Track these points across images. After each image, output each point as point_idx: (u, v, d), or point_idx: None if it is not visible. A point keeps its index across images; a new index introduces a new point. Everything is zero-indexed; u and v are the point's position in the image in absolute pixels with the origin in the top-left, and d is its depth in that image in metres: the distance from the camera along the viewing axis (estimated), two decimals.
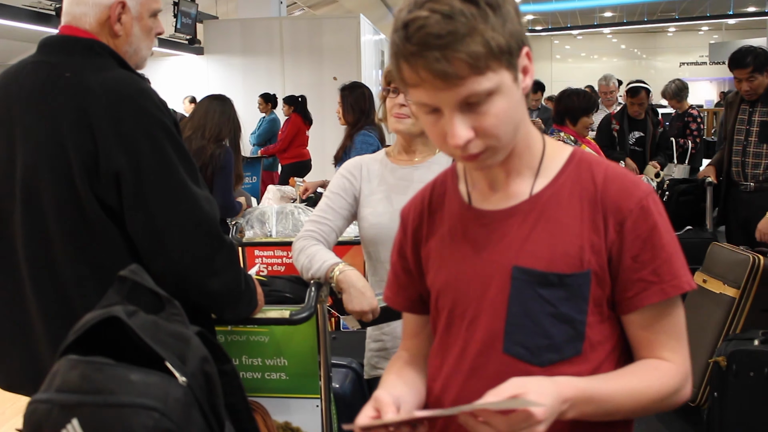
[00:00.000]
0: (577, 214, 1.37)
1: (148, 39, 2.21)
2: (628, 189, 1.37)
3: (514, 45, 1.26)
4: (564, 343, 1.37)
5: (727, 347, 3.63)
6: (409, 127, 2.51)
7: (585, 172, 1.40)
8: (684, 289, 1.36)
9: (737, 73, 5.06)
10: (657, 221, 1.36)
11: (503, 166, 1.41)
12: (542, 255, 1.37)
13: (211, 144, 4.35)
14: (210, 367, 1.49)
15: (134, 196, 1.98)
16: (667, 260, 1.35)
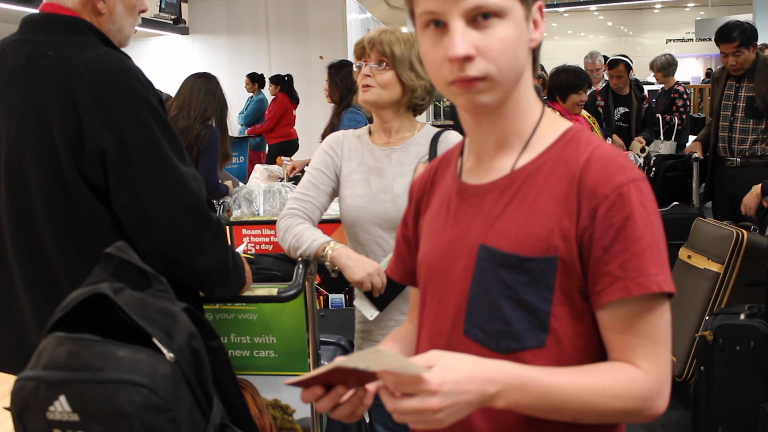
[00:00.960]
0: (554, 196, 1.27)
1: (131, 17, 2.19)
2: (610, 173, 1.25)
3: None
4: (524, 332, 1.28)
5: (714, 322, 3.65)
6: (374, 96, 2.51)
7: (572, 150, 1.30)
8: (651, 290, 1.22)
9: (724, 48, 5.06)
10: (634, 211, 1.22)
11: (492, 132, 1.35)
12: (510, 235, 1.29)
13: (197, 124, 4.33)
14: (197, 342, 1.50)
15: (120, 174, 1.97)
16: (637, 255, 1.22)
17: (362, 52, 2.54)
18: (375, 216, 2.50)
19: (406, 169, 2.52)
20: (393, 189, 2.50)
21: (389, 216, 2.49)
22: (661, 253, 1.23)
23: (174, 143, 2.06)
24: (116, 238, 1.97)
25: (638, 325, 1.24)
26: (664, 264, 1.23)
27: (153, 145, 2.00)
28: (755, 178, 4.66)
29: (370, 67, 2.50)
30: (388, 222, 2.49)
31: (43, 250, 2.04)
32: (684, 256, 4.32)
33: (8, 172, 2.05)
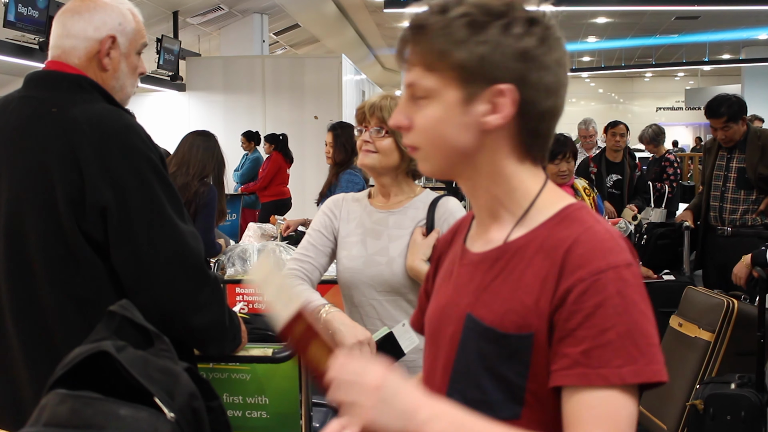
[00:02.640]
0: (538, 273, 1.26)
1: (133, 77, 2.23)
2: (591, 257, 1.22)
3: (477, 70, 1.25)
4: (499, 403, 1.27)
5: (705, 390, 3.66)
6: (374, 161, 2.55)
7: (564, 229, 1.28)
8: (612, 383, 1.17)
9: (713, 122, 5.16)
10: (608, 299, 1.19)
11: (480, 204, 1.37)
12: (493, 308, 1.29)
13: (195, 181, 4.35)
14: (198, 403, 1.50)
15: (120, 231, 1.99)
16: (604, 345, 1.18)
17: (363, 117, 2.58)
18: (370, 278, 2.52)
19: (402, 233, 2.55)
20: (389, 252, 2.53)
21: (384, 278, 2.51)
22: (635, 343, 1.18)
23: (174, 201, 2.08)
24: (114, 293, 1.99)
25: (597, 414, 1.19)
26: (640, 354, 1.18)
27: (153, 202, 2.02)
28: (745, 247, 4.69)
29: (370, 133, 2.55)
30: (383, 285, 2.51)
31: (40, 304, 2.04)
32: (675, 324, 4.33)
33: (8, 225, 2.07)
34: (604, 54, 25.27)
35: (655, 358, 1.20)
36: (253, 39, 13.85)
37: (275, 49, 18.34)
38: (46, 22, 7.43)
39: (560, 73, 1.29)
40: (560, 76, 1.29)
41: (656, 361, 1.20)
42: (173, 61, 11.66)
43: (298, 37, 18.18)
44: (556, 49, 1.29)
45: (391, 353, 2.44)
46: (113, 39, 2.14)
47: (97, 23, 2.13)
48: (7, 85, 9.92)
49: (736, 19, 17.65)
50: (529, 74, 1.26)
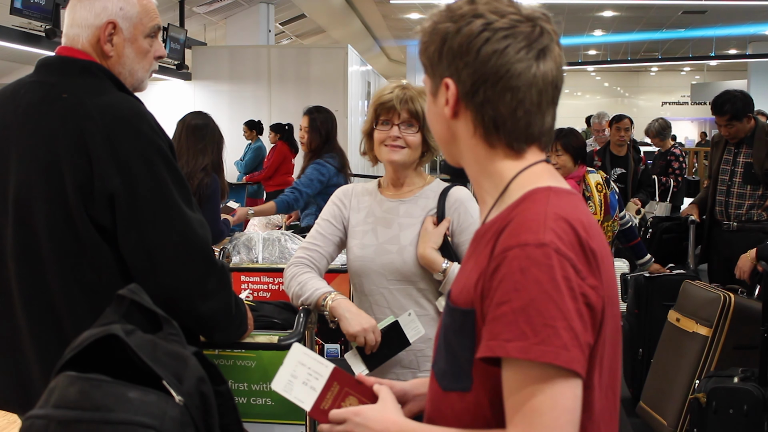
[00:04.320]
0: (486, 252, 1.32)
1: (144, 60, 2.21)
2: (510, 235, 1.27)
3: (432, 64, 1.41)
4: (454, 374, 1.35)
5: (707, 384, 3.67)
6: (404, 157, 2.54)
7: (516, 210, 1.32)
8: (495, 353, 1.22)
9: (717, 119, 5.16)
10: (508, 275, 1.23)
11: (477, 191, 1.46)
12: (458, 285, 1.38)
13: (198, 172, 4.34)
14: (206, 387, 1.51)
15: (128, 218, 2.00)
16: (497, 318, 1.22)
17: (391, 110, 2.53)
18: (381, 266, 2.53)
19: (413, 221, 2.55)
20: (400, 240, 2.54)
21: (395, 267, 2.52)
22: (529, 321, 1.19)
23: (182, 188, 2.09)
24: (121, 279, 2.00)
25: (521, 393, 1.21)
26: (532, 332, 1.19)
27: (161, 190, 2.03)
28: (751, 242, 4.70)
29: (400, 128, 2.52)
30: (394, 273, 2.52)
31: (48, 289, 2.06)
32: (673, 319, 4.34)
33: (16, 211, 2.08)
34: (610, 48, 25.21)
35: (549, 340, 1.19)
36: (259, 29, 13.85)
37: (281, 39, 18.34)
38: (52, 9, 7.44)
39: (501, 63, 1.33)
40: (501, 66, 1.33)
41: (550, 343, 1.19)
42: (179, 50, 11.67)
43: (303, 28, 18.17)
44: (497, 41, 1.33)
45: (396, 342, 2.45)
46: (114, 25, 2.13)
47: (98, 9, 2.13)
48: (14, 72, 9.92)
49: (743, 14, 17.59)
50: (463, 68, 1.35)
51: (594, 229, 1.31)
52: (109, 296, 1.85)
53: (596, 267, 1.26)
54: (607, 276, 1.30)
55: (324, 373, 1.54)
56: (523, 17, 1.35)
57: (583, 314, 1.22)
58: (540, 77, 1.35)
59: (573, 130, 5.00)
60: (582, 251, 1.25)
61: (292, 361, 1.57)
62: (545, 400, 1.20)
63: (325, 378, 1.53)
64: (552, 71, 1.38)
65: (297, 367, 1.56)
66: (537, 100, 1.36)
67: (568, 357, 1.19)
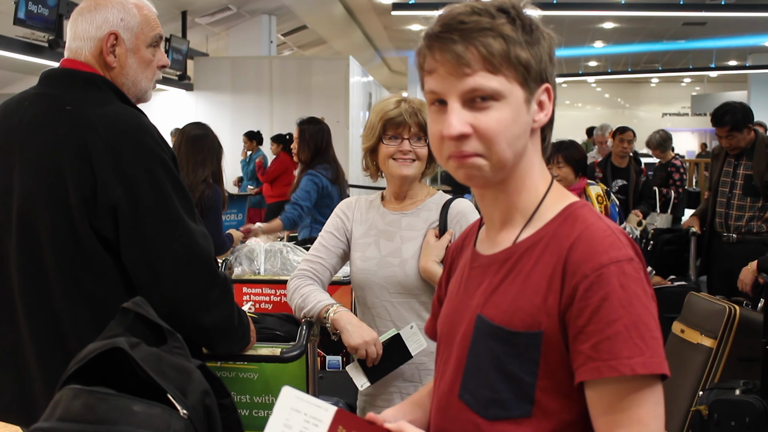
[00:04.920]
0: (545, 272, 1.30)
1: (147, 70, 2.22)
2: (593, 252, 1.26)
3: (534, 68, 1.30)
4: (510, 401, 1.31)
5: (709, 396, 3.66)
6: (415, 171, 2.55)
7: (567, 227, 1.32)
8: (622, 372, 1.21)
9: (718, 131, 5.17)
10: (611, 292, 1.23)
11: (496, 207, 1.40)
12: (502, 308, 1.33)
13: (199, 184, 4.35)
14: (210, 400, 1.52)
15: (131, 229, 2.01)
16: (611, 337, 1.22)
17: (401, 124, 2.52)
18: (383, 279, 2.54)
19: (415, 234, 2.56)
20: (402, 253, 2.54)
21: (397, 280, 2.52)
22: (641, 335, 1.22)
23: (185, 200, 2.10)
24: (124, 291, 2.01)
25: (619, 407, 1.23)
26: (646, 346, 1.22)
27: (164, 202, 2.04)
28: (751, 254, 4.70)
29: (411, 142, 2.52)
30: (396, 286, 2.53)
31: (52, 301, 2.06)
32: (677, 330, 4.33)
33: (20, 222, 2.08)
34: (611, 59, 25.25)
35: (657, 351, 1.23)
36: (260, 40, 13.87)
37: (283, 50, 18.37)
38: (56, 20, 7.46)
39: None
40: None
41: (659, 354, 1.23)
42: (181, 61, 11.70)
43: (305, 39, 18.20)
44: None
45: (398, 355, 2.45)
46: (116, 36, 2.15)
47: (99, 22, 2.15)
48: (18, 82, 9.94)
49: (743, 25, 17.62)
50: (554, 75, 1.34)
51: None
52: (112, 308, 1.86)
53: (648, 275, 1.30)
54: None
55: (324, 418, 1.27)
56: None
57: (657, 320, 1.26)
58: None
59: (574, 143, 5.01)
60: (641, 261, 1.29)
61: (283, 408, 1.29)
62: (650, 409, 1.23)
63: (326, 424, 1.26)
64: None
65: (291, 415, 1.28)
66: None
67: (667, 365, 1.24)
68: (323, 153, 5.24)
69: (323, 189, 5.10)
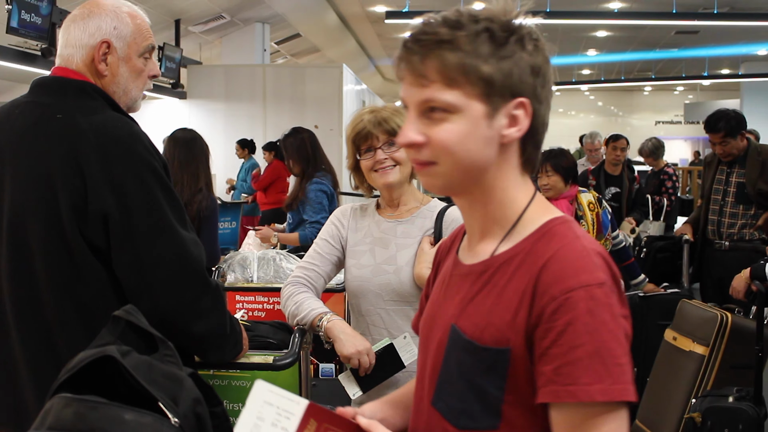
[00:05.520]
0: (517, 288, 1.29)
1: (138, 80, 2.22)
2: (565, 275, 1.25)
3: (499, 83, 1.28)
4: (478, 413, 1.31)
5: (702, 404, 3.67)
6: (397, 176, 2.55)
7: (544, 244, 1.31)
8: (580, 399, 1.21)
9: (711, 137, 5.18)
10: (578, 317, 1.22)
11: (474, 218, 1.40)
12: (475, 320, 1.33)
13: (197, 195, 4.35)
14: (202, 408, 1.51)
15: (121, 238, 2.00)
16: (572, 363, 1.21)
17: (367, 137, 2.55)
18: (378, 287, 2.54)
19: (410, 242, 2.56)
20: (396, 261, 2.54)
21: (392, 287, 2.52)
22: (603, 362, 1.21)
23: (176, 208, 2.09)
24: (115, 299, 2.00)
25: (579, 428, 1.23)
26: (607, 373, 1.21)
27: (155, 209, 2.03)
28: (743, 261, 4.71)
29: (383, 150, 2.53)
30: (390, 293, 2.53)
31: (42, 309, 2.06)
32: (669, 338, 4.34)
33: (10, 231, 2.08)
34: (604, 67, 25.32)
35: (621, 378, 1.22)
36: (254, 48, 13.87)
37: (276, 58, 18.37)
38: (48, 28, 7.45)
39: (551, 86, 1.35)
40: (551, 89, 1.36)
41: (622, 381, 1.22)
42: (175, 69, 11.70)
43: (299, 47, 18.21)
44: (550, 63, 1.35)
45: (391, 365, 2.44)
46: (108, 44, 2.14)
47: (92, 29, 2.14)
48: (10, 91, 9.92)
49: (736, 34, 17.69)
50: (539, 89, 1.32)
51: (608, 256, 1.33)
52: (103, 317, 1.86)
53: (623, 296, 1.29)
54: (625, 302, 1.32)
55: (296, 411, 1.30)
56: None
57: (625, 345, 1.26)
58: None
59: (563, 151, 5.00)
60: (616, 284, 1.28)
61: (256, 401, 1.32)
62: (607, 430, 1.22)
63: (298, 417, 1.29)
64: None
65: (263, 408, 1.31)
66: None
67: (632, 390, 1.23)
68: (314, 160, 5.25)
69: (332, 196, 5.11)
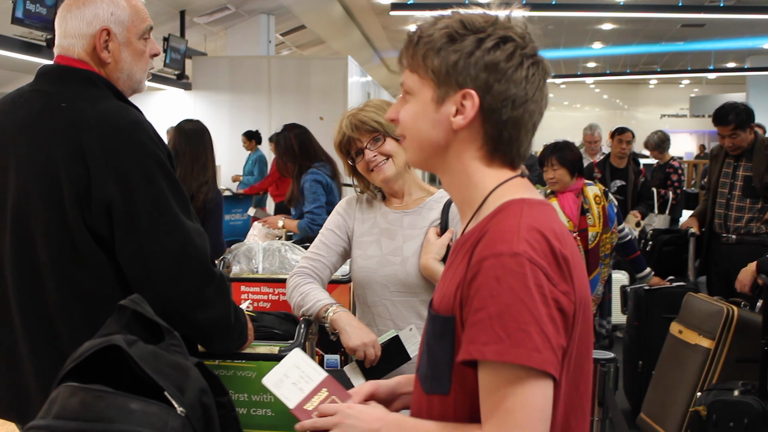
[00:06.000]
0: (464, 261, 1.38)
1: (141, 62, 2.21)
2: (486, 245, 1.34)
3: (445, 74, 1.41)
4: (434, 378, 1.42)
5: (708, 397, 3.67)
6: (392, 169, 2.55)
7: (494, 222, 1.39)
8: (473, 356, 1.29)
9: (720, 130, 5.14)
10: (484, 283, 1.30)
11: (456, 200, 1.52)
12: (439, 292, 1.44)
13: (203, 186, 4.35)
14: (208, 398, 1.51)
15: (125, 226, 2.00)
16: (474, 324, 1.29)
17: (349, 143, 2.57)
18: (384, 278, 2.53)
19: (417, 233, 2.55)
20: (403, 251, 2.53)
21: (398, 278, 2.52)
22: (504, 325, 1.26)
23: (180, 198, 2.09)
24: (118, 289, 2.00)
25: (494, 394, 1.29)
26: (507, 335, 1.26)
27: (159, 199, 2.03)
28: (750, 255, 4.70)
29: (369, 149, 2.54)
30: (397, 284, 2.52)
31: (45, 298, 2.06)
32: (675, 331, 4.33)
33: (14, 219, 2.08)
34: (609, 60, 25.25)
35: (523, 343, 1.26)
36: (259, 39, 13.86)
37: (281, 50, 18.36)
38: (53, 19, 7.43)
39: (528, 88, 1.42)
40: (528, 90, 1.42)
41: (524, 346, 1.26)
42: (180, 60, 11.70)
43: (304, 38, 18.20)
44: (527, 67, 1.41)
45: (396, 356, 2.44)
46: (108, 31, 2.13)
47: (89, 18, 2.13)
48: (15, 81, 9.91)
49: (742, 28, 17.64)
50: (494, 85, 1.40)
51: (567, 237, 1.39)
52: (105, 306, 1.89)
53: (568, 273, 1.33)
54: (579, 281, 1.37)
55: (315, 379, 1.60)
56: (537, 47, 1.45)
57: (555, 318, 1.29)
58: (545, 104, 1.47)
59: (568, 144, 5.00)
60: (554, 259, 1.32)
61: (288, 363, 1.64)
62: (517, 400, 1.27)
63: (315, 383, 1.60)
64: (547, 98, 1.48)
65: (291, 369, 1.63)
66: (537, 122, 1.47)
67: (540, 359, 1.26)
68: (308, 154, 5.26)
69: (327, 186, 5.10)
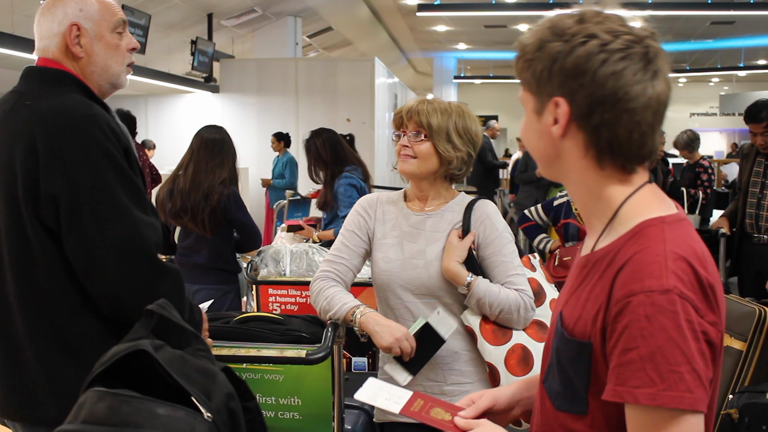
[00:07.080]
0: (606, 287, 1.32)
1: (117, 55, 2.25)
2: (632, 279, 1.27)
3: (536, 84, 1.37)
4: (568, 398, 1.39)
5: (740, 400, 3.61)
6: (413, 168, 2.54)
7: (630, 246, 1.32)
8: (626, 400, 1.25)
9: (752, 127, 5.07)
10: (634, 321, 1.24)
11: (582, 211, 1.46)
12: (572, 311, 1.39)
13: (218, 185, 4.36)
14: (234, 403, 1.51)
15: (70, 219, 2.02)
16: (624, 365, 1.25)
17: (400, 122, 2.58)
18: (406, 281, 2.52)
19: (439, 236, 2.54)
20: (426, 255, 2.52)
21: (421, 281, 2.50)
22: (656, 367, 1.22)
23: (131, 191, 2.09)
24: (69, 281, 2.04)
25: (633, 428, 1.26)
26: (660, 378, 1.22)
27: (104, 191, 2.04)
28: None
29: (408, 138, 2.54)
30: (419, 288, 2.51)
31: (5, 290, 2.11)
32: None
33: None
34: None
35: (675, 385, 1.22)
36: (286, 41, 13.89)
37: (308, 52, 18.40)
38: None
39: (619, 86, 1.32)
40: (619, 89, 1.32)
41: (676, 388, 1.22)
42: (207, 63, 11.76)
43: (331, 40, 18.23)
44: (613, 63, 1.32)
45: (431, 343, 2.43)
46: (77, 27, 2.18)
47: (59, 17, 2.19)
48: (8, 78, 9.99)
49: None
50: (578, 89, 1.33)
51: (708, 259, 1.32)
52: (60, 299, 2.00)
53: (715, 302, 1.28)
54: (723, 307, 1.31)
55: (405, 395, 1.68)
56: (636, 37, 1.36)
57: (704, 353, 1.24)
58: (655, 98, 1.36)
59: None
60: (701, 290, 1.27)
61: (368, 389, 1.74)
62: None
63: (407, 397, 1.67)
64: (665, 92, 1.38)
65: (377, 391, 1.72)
66: (651, 120, 1.36)
67: (692, 399, 1.22)
68: (339, 158, 5.25)
69: (362, 189, 5.10)
